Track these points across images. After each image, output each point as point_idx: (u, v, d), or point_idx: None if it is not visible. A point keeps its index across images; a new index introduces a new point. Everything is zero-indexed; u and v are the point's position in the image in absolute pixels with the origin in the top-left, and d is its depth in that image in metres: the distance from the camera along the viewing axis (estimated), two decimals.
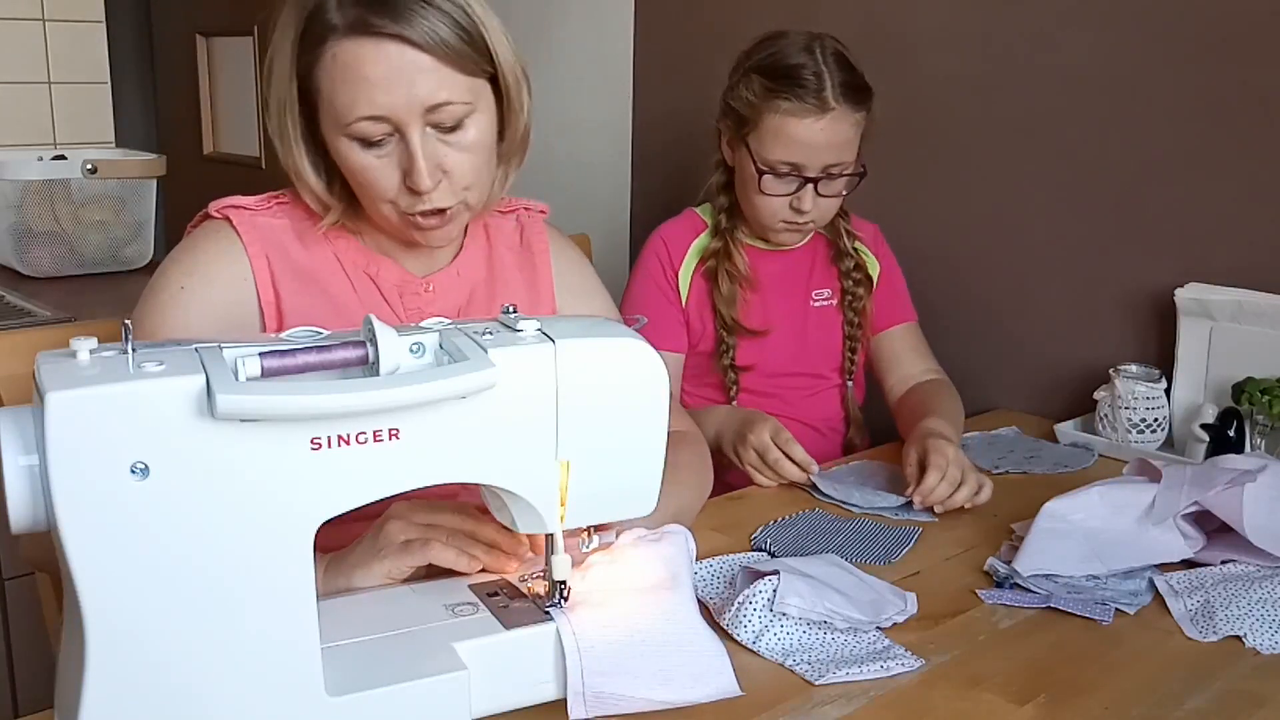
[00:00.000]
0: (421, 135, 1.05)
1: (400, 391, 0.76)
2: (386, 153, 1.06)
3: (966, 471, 1.34)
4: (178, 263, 1.13)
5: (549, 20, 2.39)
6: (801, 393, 1.73)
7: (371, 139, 1.05)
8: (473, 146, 1.09)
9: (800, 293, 1.72)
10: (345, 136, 1.06)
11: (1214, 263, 1.60)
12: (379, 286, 1.16)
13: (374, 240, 1.18)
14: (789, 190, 1.58)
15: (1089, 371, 1.70)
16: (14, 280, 2.23)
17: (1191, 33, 1.59)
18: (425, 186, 1.06)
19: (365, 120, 1.04)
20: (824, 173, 1.56)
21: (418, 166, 1.05)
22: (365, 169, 1.07)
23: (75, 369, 0.71)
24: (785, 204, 1.59)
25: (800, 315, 1.72)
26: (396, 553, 0.96)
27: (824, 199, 1.59)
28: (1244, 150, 1.56)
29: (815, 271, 1.73)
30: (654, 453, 0.90)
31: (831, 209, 1.63)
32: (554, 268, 1.28)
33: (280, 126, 1.09)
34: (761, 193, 1.59)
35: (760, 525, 1.28)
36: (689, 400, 1.72)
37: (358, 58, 1.03)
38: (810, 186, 1.57)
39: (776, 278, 1.71)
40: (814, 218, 1.61)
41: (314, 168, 1.12)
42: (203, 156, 3.71)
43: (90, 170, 2.23)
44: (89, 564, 0.70)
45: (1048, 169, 1.76)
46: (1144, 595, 1.12)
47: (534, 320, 0.85)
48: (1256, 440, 1.46)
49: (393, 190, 1.08)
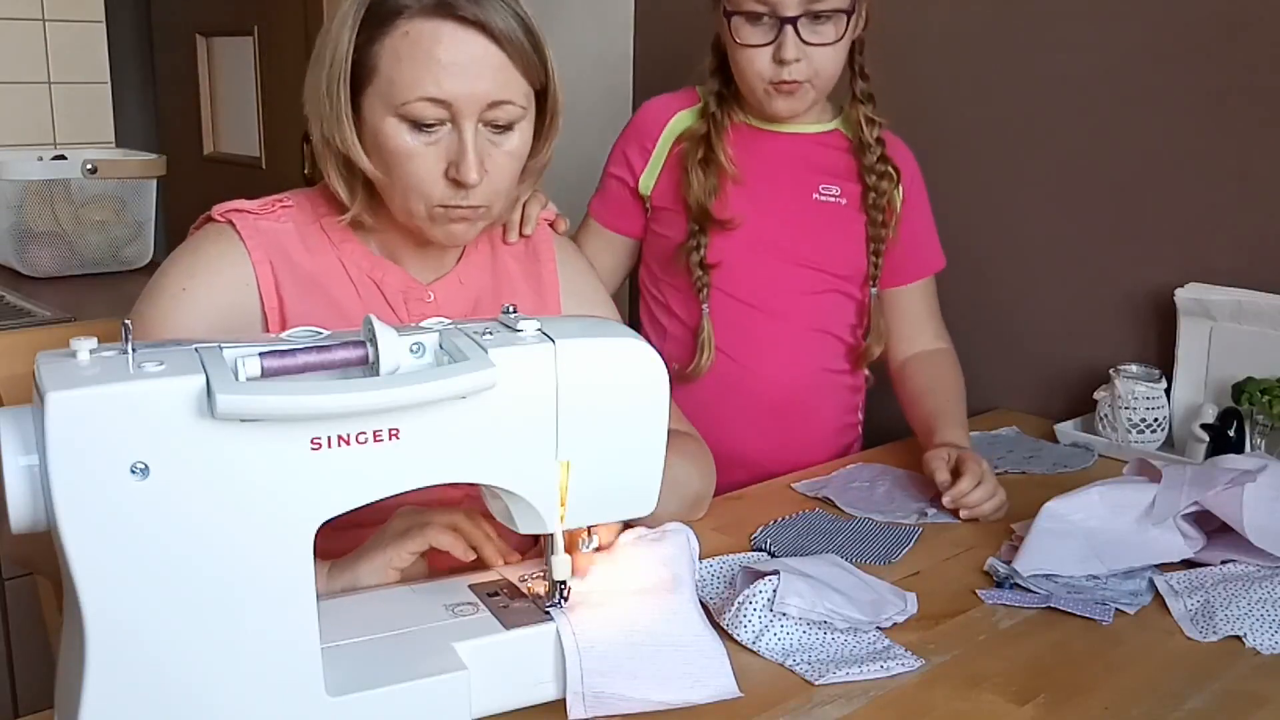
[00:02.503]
0: (475, 129, 1.05)
1: (400, 391, 0.76)
2: (434, 140, 1.06)
3: (997, 487, 1.33)
4: (179, 265, 1.12)
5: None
6: (798, 295, 1.58)
7: (425, 122, 1.04)
8: (514, 152, 1.09)
9: (802, 184, 1.57)
10: (396, 116, 1.05)
11: (1214, 262, 1.60)
12: (383, 292, 1.16)
13: (381, 242, 1.17)
14: (768, 39, 1.44)
15: (1089, 371, 1.70)
16: (14, 280, 2.23)
17: (1190, 33, 1.59)
18: (472, 179, 1.05)
19: (425, 101, 1.03)
20: (803, 10, 1.42)
21: (468, 159, 1.05)
22: (409, 154, 1.06)
23: (75, 369, 0.71)
24: (768, 59, 1.45)
25: (799, 210, 1.57)
26: (397, 539, 0.97)
27: (813, 48, 1.44)
28: (1243, 150, 1.56)
29: (824, 163, 1.58)
30: (654, 453, 0.90)
31: (827, 64, 1.47)
32: (560, 275, 1.27)
33: (331, 99, 1.06)
34: (737, 43, 1.46)
35: (760, 525, 1.28)
36: (657, 294, 1.64)
37: (434, 38, 1.02)
38: (791, 31, 1.42)
39: (772, 164, 1.56)
40: (806, 75, 1.46)
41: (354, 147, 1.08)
42: (203, 156, 3.71)
43: (90, 170, 2.23)
44: (89, 564, 0.70)
45: (1048, 169, 1.76)
46: (1144, 595, 1.12)
47: (534, 320, 0.85)
48: (1256, 440, 1.46)
49: (431, 179, 1.07)
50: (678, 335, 1.62)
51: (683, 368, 1.57)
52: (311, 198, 1.18)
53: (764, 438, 1.58)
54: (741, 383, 1.59)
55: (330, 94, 1.06)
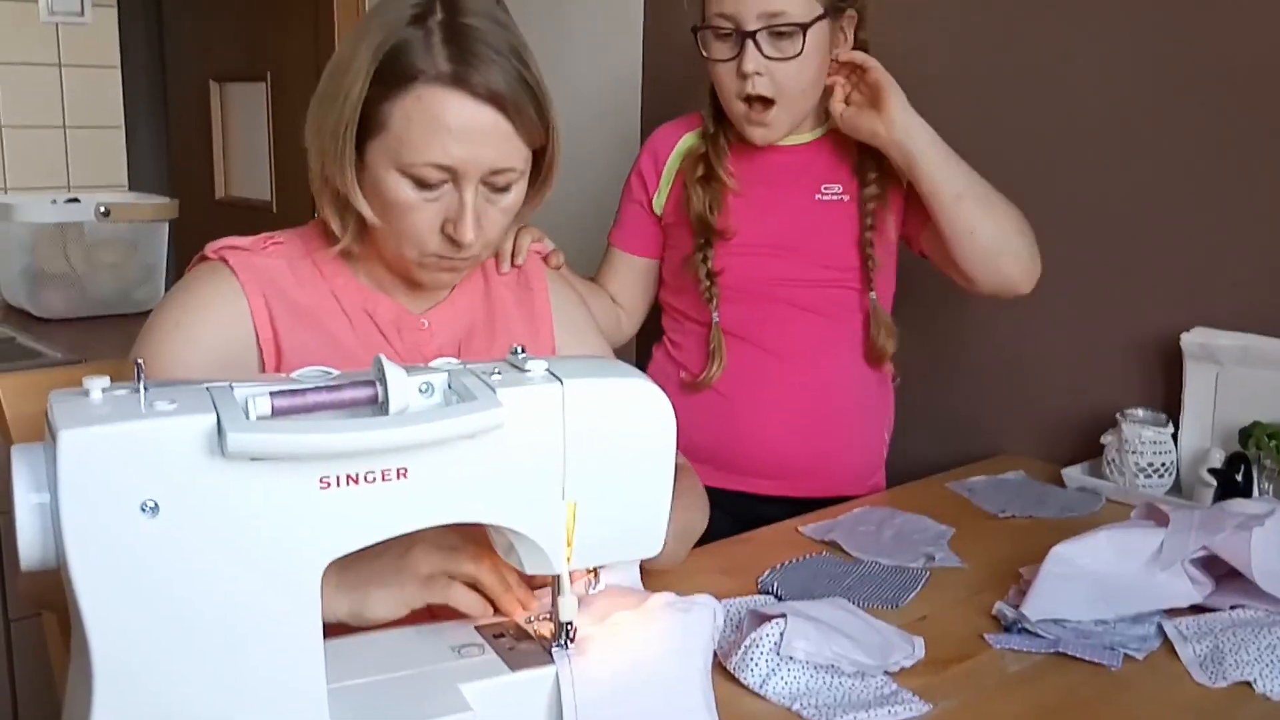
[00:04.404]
0: (475, 190, 1.08)
1: (408, 431, 0.76)
2: (435, 197, 1.08)
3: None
4: (174, 303, 1.14)
5: (555, 38, 2.42)
6: (812, 291, 1.60)
7: (428, 182, 1.07)
8: (509, 208, 1.12)
9: (803, 189, 1.60)
10: (400, 172, 1.07)
11: (1219, 307, 1.60)
12: (377, 323, 1.18)
13: (371, 274, 1.19)
14: (733, 53, 1.48)
15: (1096, 416, 1.70)
16: (25, 322, 2.25)
17: (1197, 79, 1.60)
18: (468, 239, 1.08)
19: (431, 166, 1.06)
20: (763, 24, 1.45)
21: (466, 220, 1.08)
22: (410, 208, 1.08)
23: (88, 407, 0.72)
24: (734, 73, 1.49)
25: (802, 212, 1.59)
26: (419, 586, 0.95)
27: (775, 63, 1.47)
28: (1249, 195, 1.57)
29: (824, 166, 1.60)
30: (661, 493, 0.90)
31: (790, 80, 1.49)
32: (552, 305, 1.29)
33: (336, 143, 1.08)
34: (706, 58, 1.50)
35: (767, 568, 1.28)
36: (675, 305, 1.67)
37: (445, 107, 1.04)
38: (751, 45, 1.46)
39: (771, 175, 1.60)
40: (770, 90, 1.49)
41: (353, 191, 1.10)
42: (214, 200, 3.75)
43: (104, 213, 2.25)
44: (98, 602, 0.71)
45: (1053, 214, 1.76)
46: (1153, 640, 1.11)
47: (542, 360, 0.85)
48: (1264, 484, 1.46)
49: (427, 232, 1.10)
50: (693, 346, 1.65)
51: (697, 376, 1.62)
52: (303, 234, 1.20)
53: (792, 432, 1.60)
54: (771, 372, 1.61)
55: (336, 138, 1.08)
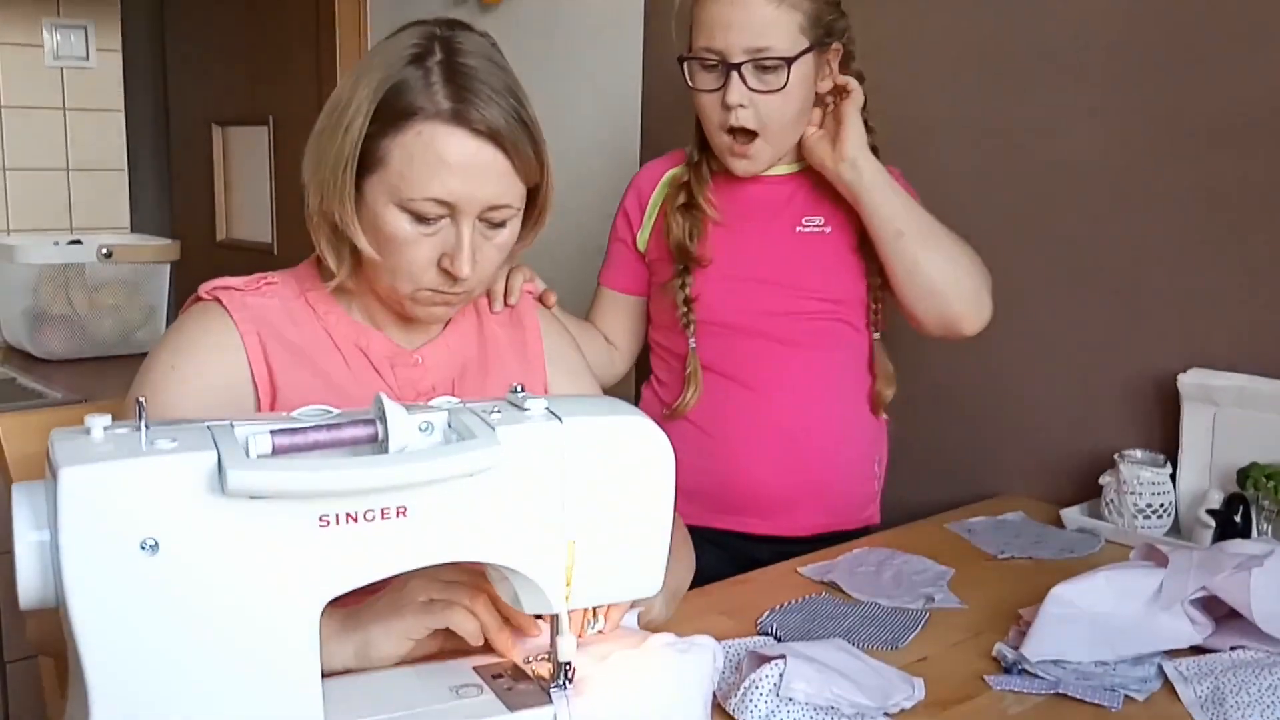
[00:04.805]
0: (473, 225, 1.10)
1: (407, 469, 0.77)
2: (432, 231, 1.10)
3: None
4: (168, 344, 1.15)
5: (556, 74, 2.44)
6: (793, 321, 1.59)
7: (426, 217, 1.08)
8: (503, 245, 1.14)
9: (783, 220, 1.60)
10: (399, 207, 1.08)
11: (1216, 348, 1.61)
12: (370, 359, 1.18)
13: (364, 310, 1.20)
14: (718, 84, 1.48)
15: (1094, 457, 1.70)
16: (26, 362, 2.26)
17: (1191, 123, 1.61)
18: (465, 274, 1.10)
19: (431, 201, 1.07)
20: (749, 57, 1.46)
21: (463, 254, 1.09)
22: (407, 242, 1.10)
23: (89, 445, 0.72)
24: (718, 104, 1.49)
25: (782, 243, 1.59)
26: (417, 612, 0.95)
27: (760, 95, 1.48)
28: (1244, 237, 1.58)
29: (805, 199, 1.60)
30: (660, 532, 0.90)
31: (774, 113, 1.50)
32: (545, 345, 1.30)
33: (336, 179, 1.09)
34: (692, 88, 1.51)
35: (767, 609, 1.27)
36: (659, 340, 1.67)
37: (446, 144, 1.06)
38: (736, 77, 1.46)
39: (751, 206, 1.60)
40: (754, 122, 1.50)
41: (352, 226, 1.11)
42: (215, 242, 3.76)
43: (106, 254, 2.26)
44: (96, 639, 0.71)
45: (1051, 257, 1.78)
46: (1153, 681, 1.11)
47: (541, 399, 0.86)
48: (1263, 525, 1.46)
49: (424, 266, 1.11)
50: (677, 382, 1.65)
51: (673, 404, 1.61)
52: (296, 274, 1.21)
53: (778, 469, 1.59)
54: (750, 408, 1.60)
55: (336, 173, 1.09)
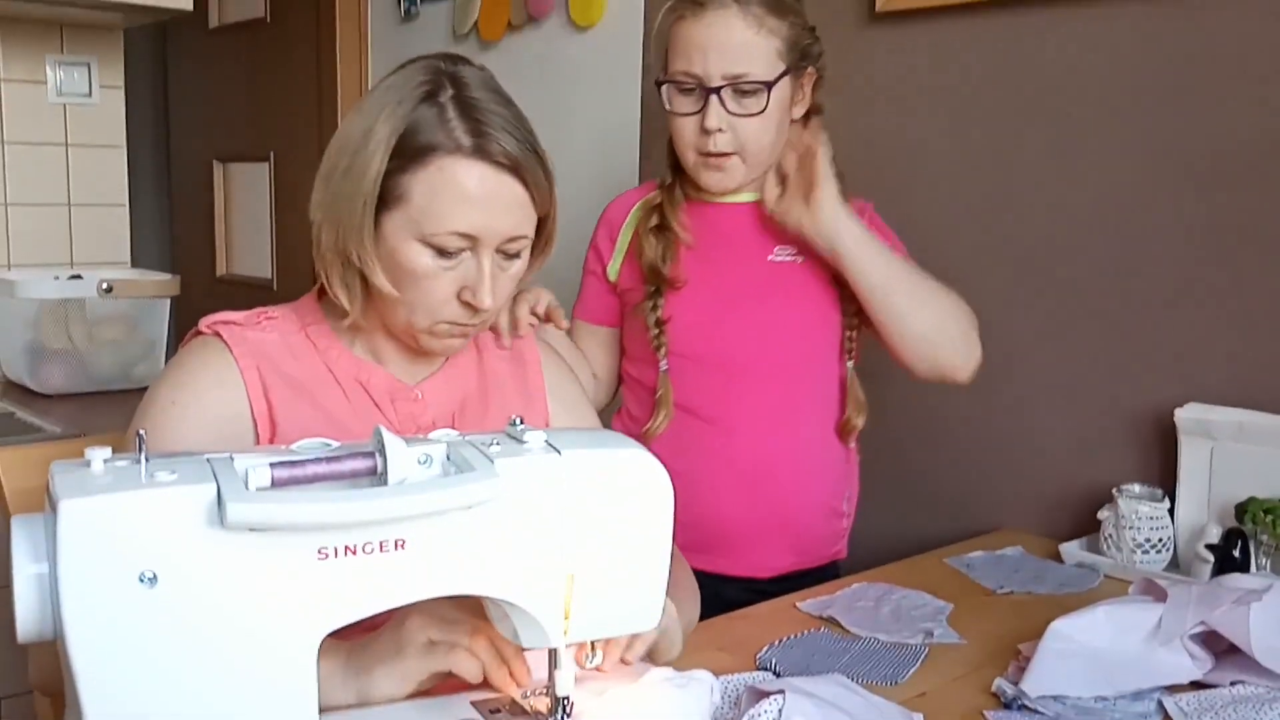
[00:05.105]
0: (492, 257, 1.11)
1: (405, 501, 0.77)
2: (452, 265, 1.11)
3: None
4: (168, 379, 1.15)
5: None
6: (764, 353, 1.57)
7: (448, 250, 1.09)
8: (516, 275, 1.15)
9: (756, 248, 1.59)
10: (420, 242, 1.09)
11: (1213, 383, 1.61)
12: (370, 394, 1.18)
13: (367, 345, 1.20)
14: (696, 108, 1.49)
15: (1092, 491, 1.70)
16: (25, 397, 2.25)
17: (1186, 161, 1.63)
18: (487, 305, 1.11)
19: (454, 234, 1.08)
20: (727, 81, 1.47)
21: (484, 286, 1.10)
22: (427, 276, 1.10)
23: (89, 478, 0.72)
24: (695, 128, 1.50)
25: (754, 271, 1.58)
26: (419, 654, 0.95)
27: (738, 119, 1.49)
28: (1240, 272, 1.59)
29: (777, 227, 1.56)
30: (659, 566, 0.90)
31: (752, 137, 1.51)
32: (545, 378, 1.31)
33: (355, 220, 1.09)
34: (669, 111, 1.52)
35: (765, 644, 1.27)
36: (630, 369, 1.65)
37: (468, 178, 1.07)
38: (715, 101, 1.47)
39: (723, 231, 1.59)
40: (732, 146, 1.50)
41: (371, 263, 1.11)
42: (215, 278, 3.78)
43: (106, 289, 2.27)
44: (94, 672, 0.70)
45: (1049, 291, 1.79)
46: (1153, 717, 1.10)
47: (540, 432, 0.86)
48: (1262, 560, 1.46)
49: (444, 299, 1.12)
50: (643, 409, 1.63)
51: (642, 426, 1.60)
52: (296, 308, 1.21)
53: (742, 505, 1.57)
54: (716, 445, 1.58)
55: (355, 212, 1.09)
